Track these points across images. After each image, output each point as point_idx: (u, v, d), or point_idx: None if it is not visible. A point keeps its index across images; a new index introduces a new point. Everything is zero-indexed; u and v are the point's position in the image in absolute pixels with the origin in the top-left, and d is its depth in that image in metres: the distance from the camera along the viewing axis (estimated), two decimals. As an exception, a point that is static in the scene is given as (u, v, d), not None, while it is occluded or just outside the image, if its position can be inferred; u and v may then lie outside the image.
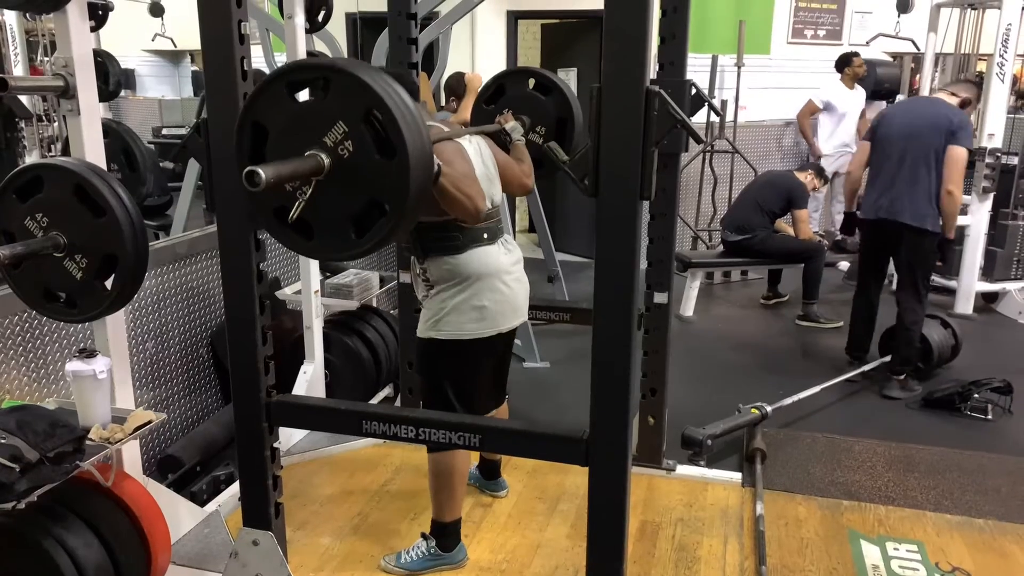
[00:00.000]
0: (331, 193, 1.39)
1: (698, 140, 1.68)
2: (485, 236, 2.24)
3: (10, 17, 4.36)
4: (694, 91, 2.59)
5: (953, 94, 3.89)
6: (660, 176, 2.45)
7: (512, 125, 2.56)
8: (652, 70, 1.66)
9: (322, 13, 3.51)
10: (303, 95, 1.48)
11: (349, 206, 1.40)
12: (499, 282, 2.26)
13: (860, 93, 6.31)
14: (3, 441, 1.67)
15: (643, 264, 1.97)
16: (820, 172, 5.35)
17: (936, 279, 5.07)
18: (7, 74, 4.09)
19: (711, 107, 2.78)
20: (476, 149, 2.28)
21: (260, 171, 1.24)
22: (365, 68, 1.38)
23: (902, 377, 3.85)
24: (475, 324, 2.23)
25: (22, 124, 4.03)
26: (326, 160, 1.36)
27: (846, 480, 2.99)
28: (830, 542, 2.58)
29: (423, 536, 2.40)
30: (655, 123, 1.45)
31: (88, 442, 1.87)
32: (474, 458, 2.85)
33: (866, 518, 2.73)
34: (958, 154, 3.65)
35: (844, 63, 6.13)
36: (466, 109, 4.33)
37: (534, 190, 2.57)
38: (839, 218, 6.30)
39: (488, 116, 2.74)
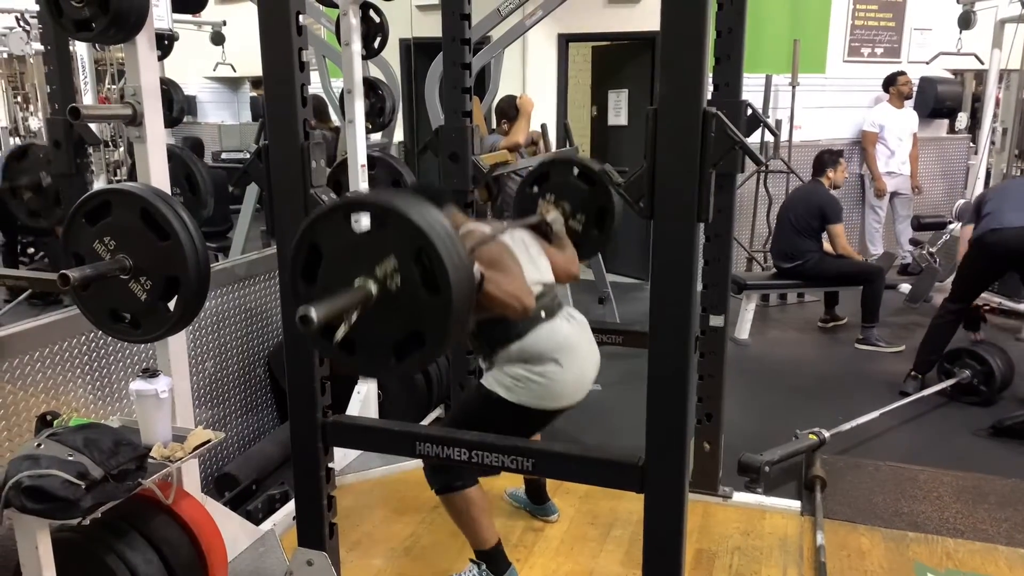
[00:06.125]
0: (376, 319, 1.43)
1: (758, 162, 1.66)
2: (543, 315, 2.25)
3: (81, 48, 4.54)
4: (750, 111, 2.57)
5: None
6: (716, 197, 2.39)
7: (553, 216, 2.61)
8: (707, 91, 1.65)
9: (378, 40, 3.57)
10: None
11: (391, 333, 1.44)
12: (570, 356, 2.26)
13: (910, 113, 6.19)
14: (70, 458, 1.71)
15: (698, 286, 1.94)
16: (834, 157, 5.03)
17: (1004, 302, 4.89)
18: (79, 103, 4.26)
19: (767, 127, 2.75)
20: (519, 241, 2.34)
21: (312, 314, 1.28)
22: (419, 209, 1.41)
23: None
24: (544, 398, 2.24)
25: (90, 150, 4.18)
26: (374, 289, 1.41)
27: (911, 511, 2.88)
28: (895, 575, 2.48)
29: (473, 561, 2.39)
30: (712, 144, 1.44)
31: (150, 460, 1.90)
32: (520, 480, 2.83)
33: (933, 551, 2.63)
34: None
35: (890, 82, 6.11)
36: (518, 132, 4.35)
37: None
38: (904, 239, 6.15)
39: (531, 200, 2.82)
